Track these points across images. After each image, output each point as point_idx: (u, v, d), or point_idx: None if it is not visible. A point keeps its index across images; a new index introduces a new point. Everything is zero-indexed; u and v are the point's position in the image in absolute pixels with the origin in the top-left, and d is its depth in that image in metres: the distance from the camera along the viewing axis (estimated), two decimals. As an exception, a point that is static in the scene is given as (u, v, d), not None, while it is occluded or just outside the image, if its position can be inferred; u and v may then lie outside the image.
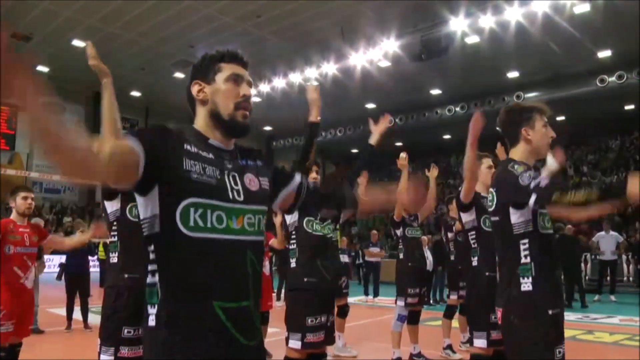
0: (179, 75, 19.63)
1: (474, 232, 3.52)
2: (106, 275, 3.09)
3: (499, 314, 2.39)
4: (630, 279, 14.65)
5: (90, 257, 8.27)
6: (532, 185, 2.21)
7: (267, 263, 5.84)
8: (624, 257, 15.05)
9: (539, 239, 2.31)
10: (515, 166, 2.34)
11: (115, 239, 2.95)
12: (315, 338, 3.37)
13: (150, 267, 1.45)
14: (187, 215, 1.39)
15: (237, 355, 1.41)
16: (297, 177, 1.81)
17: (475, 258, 3.49)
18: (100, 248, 12.50)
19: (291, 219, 3.54)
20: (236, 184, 1.50)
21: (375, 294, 12.61)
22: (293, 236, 3.54)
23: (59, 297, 9.76)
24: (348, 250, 13.33)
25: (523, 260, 2.30)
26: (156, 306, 1.41)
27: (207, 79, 1.57)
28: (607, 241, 12.03)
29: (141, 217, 1.46)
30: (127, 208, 2.94)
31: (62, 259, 8.47)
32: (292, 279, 3.51)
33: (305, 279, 3.41)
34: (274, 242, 5.79)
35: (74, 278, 7.72)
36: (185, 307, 1.38)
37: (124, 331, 2.76)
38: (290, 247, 3.56)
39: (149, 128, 1.52)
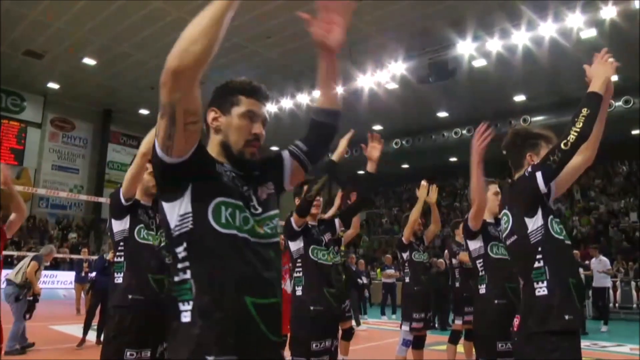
0: (188, 94, 19.79)
1: (481, 260, 3.48)
2: (110, 295, 3.07)
3: (516, 322, 2.33)
4: (640, 306, 14.42)
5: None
6: (530, 169, 2.34)
7: (288, 281, 5.75)
8: (633, 283, 14.85)
9: (551, 244, 2.29)
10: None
11: (122, 259, 2.94)
12: (320, 363, 3.33)
13: (180, 266, 1.45)
14: (219, 212, 1.45)
15: (265, 350, 1.45)
16: (285, 153, 1.79)
17: (483, 285, 3.44)
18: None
19: (295, 246, 3.52)
20: (251, 200, 1.57)
21: (394, 312, 13.42)
22: (299, 263, 3.52)
23: (63, 314, 9.71)
24: (366, 272, 13.75)
25: (536, 264, 2.28)
26: (190, 303, 1.41)
27: (223, 109, 1.61)
28: (596, 267, 11.61)
29: (172, 225, 1.47)
30: (136, 229, 2.94)
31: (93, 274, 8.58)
32: (298, 307, 3.48)
33: (312, 307, 3.39)
34: None
35: (101, 294, 7.62)
36: (219, 302, 1.40)
37: (126, 354, 2.73)
38: (296, 274, 3.54)
39: None
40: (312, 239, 3.52)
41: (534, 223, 2.30)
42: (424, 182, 5.19)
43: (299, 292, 3.48)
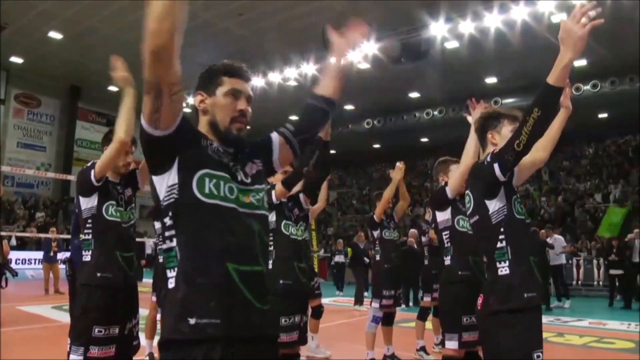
0: (158, 71, 19.40)
1: (447, 232, 3.58)
2: (78, 273, 3.04)
3: (480, 301, 2.41)
4: (600, 283, 15.00)
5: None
6: (489, 159, 2.34)
7: None
8: (594, 261, 15.41)
9: (513, 224, 2.34)
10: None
11: (89, 237, 2.91)
12: (289, 338, 3.38)
13: (167, 234, 1.55)
14: (203, 183, 1.53)
15: (251, 316, 1.51)
16: (274, 134, 1.87)
17: (449, 257, 3.55)
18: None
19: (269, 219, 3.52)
20: (238, 173, 1.65)
21: (366, 289, 13.26)
22: (270, 238, 3.53)
23: (31, 294, 9.53)
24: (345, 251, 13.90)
25: (499, 245, 2.33)
26: (175, 269, 1.51)
27: (209, 91, 1.70)
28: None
29: (161, 197, 1.56)
30: (104, 207, 2.91)
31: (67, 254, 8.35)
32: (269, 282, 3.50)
33: (282, 281, 3.42)
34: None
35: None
36: (202, 268, 1.48)
37: (94, 330, 2.73)
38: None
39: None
40: (284, 214, 3.54)
41: (494, 205, 2.35)
42: (399, 164, 5.19)
43: (270, 267, 3.50)
